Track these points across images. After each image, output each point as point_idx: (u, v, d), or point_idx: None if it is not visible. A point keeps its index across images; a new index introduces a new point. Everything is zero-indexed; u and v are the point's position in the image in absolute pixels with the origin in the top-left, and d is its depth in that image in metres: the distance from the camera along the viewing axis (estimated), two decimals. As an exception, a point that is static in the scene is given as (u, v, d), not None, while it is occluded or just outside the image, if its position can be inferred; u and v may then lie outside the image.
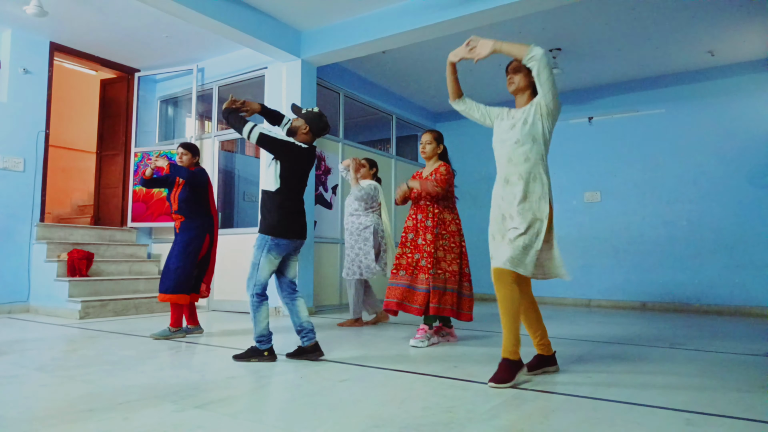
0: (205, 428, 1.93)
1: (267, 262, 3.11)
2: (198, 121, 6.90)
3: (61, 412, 2.14)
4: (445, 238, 3.80)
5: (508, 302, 2.60)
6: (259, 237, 3.14)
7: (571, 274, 7.73)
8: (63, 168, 7.89)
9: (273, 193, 3.17)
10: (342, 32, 5.52)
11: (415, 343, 3.69)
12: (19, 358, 3.26)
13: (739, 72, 6.48)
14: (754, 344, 3.92)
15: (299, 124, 3.25)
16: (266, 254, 3.10)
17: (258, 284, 3.11)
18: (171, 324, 4.09)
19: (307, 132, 3.25)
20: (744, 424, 2.02)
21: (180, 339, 4.05)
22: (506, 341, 2.62)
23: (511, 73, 2.82)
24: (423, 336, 3.73)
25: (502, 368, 2.58)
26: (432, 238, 3.75)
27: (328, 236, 6.39)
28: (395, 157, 7.76)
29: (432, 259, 3.70)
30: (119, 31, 5.83)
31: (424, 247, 3.77)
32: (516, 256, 2.57)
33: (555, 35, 5.75)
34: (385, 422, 2.01)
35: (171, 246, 4.21)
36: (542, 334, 2.85)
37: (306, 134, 3.25)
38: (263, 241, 3.12)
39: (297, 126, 3.26)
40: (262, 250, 3.11)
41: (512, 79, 2.81)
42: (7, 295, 5.52)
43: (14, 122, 5.71)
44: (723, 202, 6.45)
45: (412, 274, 3.80)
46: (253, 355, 3.18)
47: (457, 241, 3.84)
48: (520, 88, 2.79)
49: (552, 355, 2.88)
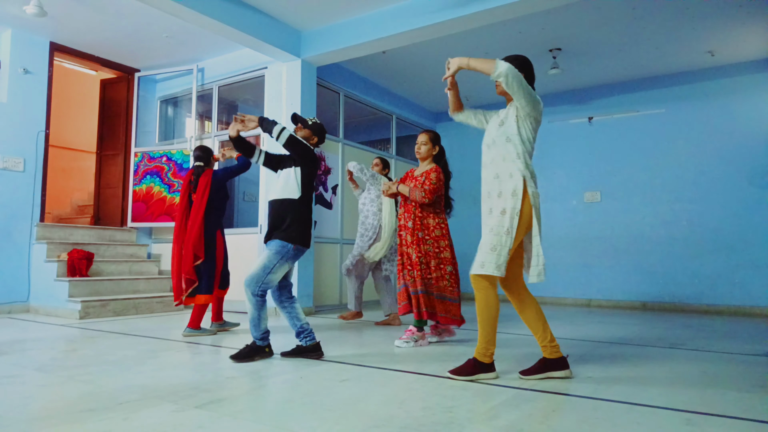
0: (205, 428, 1.93)
1: (281, 268, 3.15)
2: (198, 121, 6.90)
3: (61, 412, 2.14)
4: (429, 243, 3.78)
5: (483, 306, 2.69)
6: (279, 243, 3.14)
7: (572, 274, 7.69)
8: (63, 168, 7.89)
9: (296, 202, 3.20)
10: (342, 32, 5.52)
11: (399, 344, 3.69)
12: (19, 358, 3.26)
13: (739, 72, 6.48)
14: (754, 344, 3.92)
15: (306, 135, 3.37)
16: (284, 261, 3.14)
17: (265, 286, 3.13)
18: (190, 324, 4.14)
19: (315, 143, 3.41)
20: (744, 424, 2.02)
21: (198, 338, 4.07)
22: (479, 343, 2.72)
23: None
24: (409, 337, 3.74)
25: (467, 364, 2.72)
26: (412, 240, 3.77)
27: (328, 236, 6.39)
28: (395, 157, 7.77)
29: (417, 262, 3.72)
30: (119, 31, 5.83)
31: (407, 249, 3.81)
32: (485, 260, 2.62)
33: (555, 35, 5.75)
34: (385, 422, 2.01)
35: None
36: (543, 335, 2.72)
37: (314, 145, 3.41)
38: (284, 249, 3.14)
39: (304, 137, 3.36)
40: (280, 256, 3.13)
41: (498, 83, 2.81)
42: (7, 295, 5.52)
43: (14, 122, 5.71)
44: (723, 202, 6.45)
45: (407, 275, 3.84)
46: (255, 353, 3.19)
47: (442, 245, 3.79)
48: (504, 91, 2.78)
49: (558, 359, 2.71)
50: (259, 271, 3.11)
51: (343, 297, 6.52)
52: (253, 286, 3.11)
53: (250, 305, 3.15)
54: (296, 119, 3.42)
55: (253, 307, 3.15)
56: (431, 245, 3.77)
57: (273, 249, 3.14)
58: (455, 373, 2.70)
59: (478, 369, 2.69)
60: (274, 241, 3.16)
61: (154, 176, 6.58)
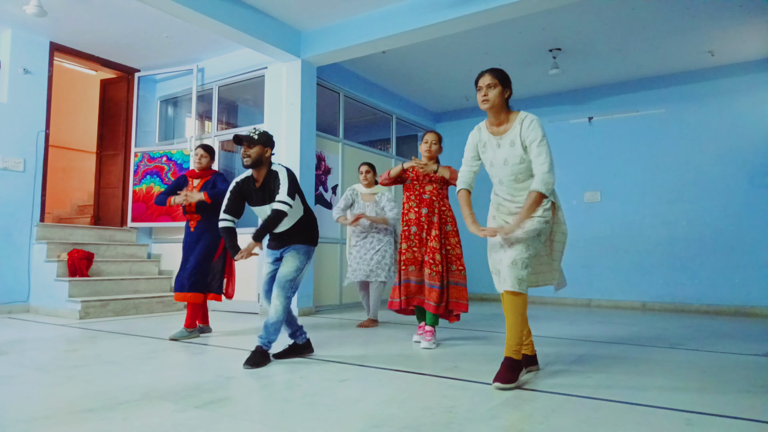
0: (205, 428, 1.93)
1: (307, 268, 3.30)
2: (198, 121, 6.90)
3: (61, 412, 2.14)
4: (449, 236, 3.82)
5: (521, 306, 2.61)
6: (305, 247, 3.25)
7: (572, 274, 7.72)
8: (63, 168, 7.89)
9: (303, 217, 3.30)
10: (342, 32, 5.52)
11: (428, 345, 3.64)
12: (19, 358, 3.26)
13: (739, 72, 6.48)
14: (754, 344, 3.92)
15: (259, 151, 3.13)
16: (309, 262, 3.29)
17: (297, 287, 3.22)
18: (187, 324, 4.06)
19: (270, 154, 3.21)
20: (744, 424, 2.02)
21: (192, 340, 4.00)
22: (511, 340, 2.61)
23: (486, 89, 2.69)
24: (433, 338, 3.71)
25: (507, 368, 2.56)
26: (437, 234, 3.76)
27: (328, 236, 6.39)
28: (395, 157, 7.76)
29: (441, 256, 3.72)
30: (119, 31, 5.83)
31: (431, 243, 3.75)
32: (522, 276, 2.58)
33: (555, 35, 5.75)
34: (385, 422, 2.01)
35: (184, 244, 4.17)
36: (528, 333, 2.89)
37: (270, 156, 3.22)
38: (310, 251, 3.29)
39: (258, 154, 3.13)
40: (307, 257, 3.26)
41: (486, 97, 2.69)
42: (7, 295, 5.52)
43: (14, 122, 5.71)
44: (723, 202, 6.44)
45: (420, 270, 3.79)
46: (304, 349, 3.35)
47: (458, 238, 3.87)
48: (495, 105, 2.69)
49: (534, 355, 2.92)
50: (293, 272, 3.16)
51: (343, 297, 6.52)
52: (287, 290, 3.14)
53: (279, 307, 3.10)
54: (239, 140, 3.09)
55: (283, 309, 3.12)
56: (450, 237, 3.82)
57: (300, 251, 3.23)
58: (504, 382, 2.49)
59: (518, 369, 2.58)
60: (299, 246, 3.23)
61: (154, 176, 6.58)
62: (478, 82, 2.75)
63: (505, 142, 2.70)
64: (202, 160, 4.18)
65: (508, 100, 2.74)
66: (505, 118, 2.72)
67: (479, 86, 2.73)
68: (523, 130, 2.63)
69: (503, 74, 2.72)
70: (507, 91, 2.72)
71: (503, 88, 2.70)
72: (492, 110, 2.71)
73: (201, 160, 4.18)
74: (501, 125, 2.73)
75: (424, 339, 3.69)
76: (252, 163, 3.12)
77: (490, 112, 2.73)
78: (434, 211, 3.81)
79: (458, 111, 8.61)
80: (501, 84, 2.69)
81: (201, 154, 4.18)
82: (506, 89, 2.71)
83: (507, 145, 2.69)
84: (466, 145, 2.92)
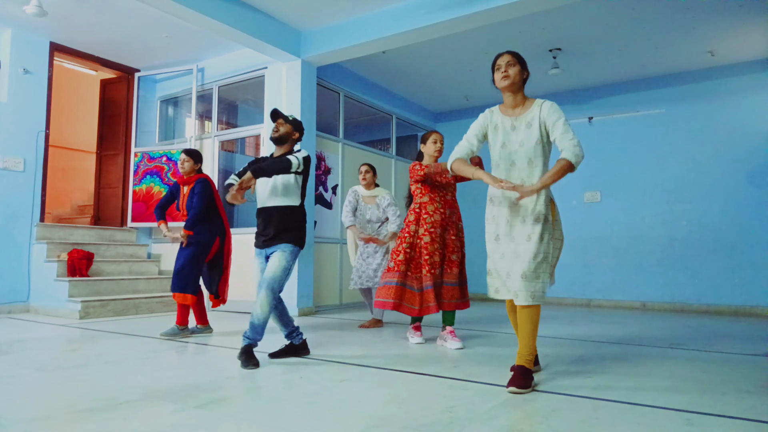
0: (205, 428, 1.93)
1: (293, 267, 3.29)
2: (198, 121, 6.90)
3: (61, 412, 2.14)
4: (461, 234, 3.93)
5: (536, 316, 2.61)
6: (292, 246, 3.23)
7: (572, 274, 7.67)
8: (63, 168, 7.89)
9: (297, 208, 3.28)
10: (342, 32, 5.52)
11: (460, 345, 3.67)
12: (19, 358, 3.26)
13: (739, 72, 6.48)
14: (754, 344, 3.92)
15: (288, 130, 3.30)
16: (295, 261, 3.28)
17: (283, 285, 3.22)
18: (177, 322, 4.14)
19: (297, 137, 3.36)
20: (744, 424, 2.02)
21: (186, 338, 4.06)
22: (524, 349, 2.60)
23: (506, 66, 2.69)
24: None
25: (521, 374, 2.51)
26: (456, 232, 3.86)
27: (328, 236, 6.39)
28: (395, 157, 7.77)
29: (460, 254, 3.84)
30: (119, 31, 5.83)
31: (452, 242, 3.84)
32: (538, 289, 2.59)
33: (555, 35, 5.75)
34: (385, 422, 2.01)
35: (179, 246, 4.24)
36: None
37: (296, 140, 3.36)
38: (296, 252, 3.26)
39: (287, 132, 3.29)
40: (294, 256, 3.24)
41: (507, 73, 2.69)
42: (7, 295, 5.52)
43: (14, 122, 5.71)
44: (723, 202, 6.44)
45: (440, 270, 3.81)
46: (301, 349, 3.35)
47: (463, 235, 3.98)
48: (516, 82, 2.69)
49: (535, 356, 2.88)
50: (280, 273, 3.16)
51: (343, 297, 6.52)
52: (273, 290, 3.13)
53: (267, 307, 3.09)
54: (277, 115, 3.28)
55: (269, 307, 3.12)
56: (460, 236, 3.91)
57: (287, 251, 3.20)
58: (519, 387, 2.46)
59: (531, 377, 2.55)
60: (286, 245, 3.21)
61: (154, 176, 6.58)
62: (496, 62, 2.75)
63: (520, 123, 2.70)
64: (185, 165, 4.22)
65: (525, 81, 2.75)
66: (522, 101, 2.74)
67: (498, 65, 2.74)
68: (543, 112, 2.65)
69: (521, 56, 2.75)
70: (525, 72, 2.74)
71: (522, 68, 2.72)
72: (511, 88, 2.71)
73: (184, 164, 4.22)
74: (517, 107, 2.74)
75: (452, 340, 3.72)
76: (278, 137, 3.28)
77: (508, 91, 2.72)
78: (453, 211, 3.91)
79: (458, 111, 8.61)
80: (520, 64, 2.72)
81: (183, 159, 4.22)
82: (524, 70, 2.74)
83: (523, 126, 2.69)
84: (473, 123, 2.86)
